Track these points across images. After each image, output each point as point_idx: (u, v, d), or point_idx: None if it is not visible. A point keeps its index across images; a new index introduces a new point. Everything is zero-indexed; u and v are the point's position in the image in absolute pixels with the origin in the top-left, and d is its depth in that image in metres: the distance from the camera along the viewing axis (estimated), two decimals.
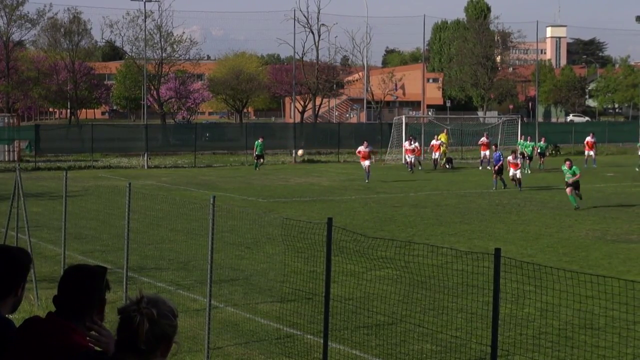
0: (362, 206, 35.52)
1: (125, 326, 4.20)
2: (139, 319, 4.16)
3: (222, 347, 14.81)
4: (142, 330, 4.15)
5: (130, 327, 4.17)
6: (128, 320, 4.18)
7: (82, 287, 4.69)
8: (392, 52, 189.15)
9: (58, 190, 28.77)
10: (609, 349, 14.45)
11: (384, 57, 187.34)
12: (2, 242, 17.54)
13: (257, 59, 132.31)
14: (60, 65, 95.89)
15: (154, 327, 4.18)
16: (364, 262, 21.04)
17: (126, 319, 4.19)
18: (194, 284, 19.55)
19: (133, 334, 4.17)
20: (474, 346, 14.34)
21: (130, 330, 4.17)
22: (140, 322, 4.16)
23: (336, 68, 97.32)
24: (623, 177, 49.55)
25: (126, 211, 15.94)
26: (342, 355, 14.03)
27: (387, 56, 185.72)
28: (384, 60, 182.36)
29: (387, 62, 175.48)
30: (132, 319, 4.17)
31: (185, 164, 61.22)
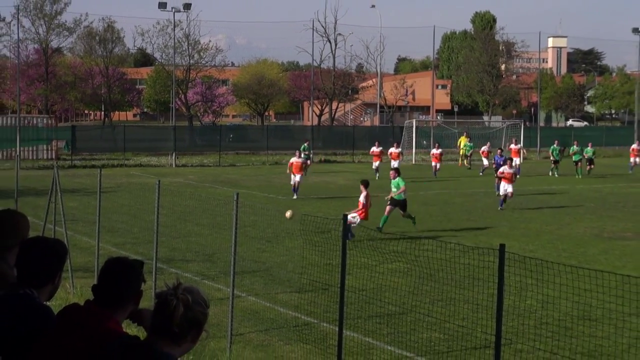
0: (374, 204, 35.48)
1: (161, 310, 4.23)
2: (175, 303, 4.20)
3: (243, 333, 14.82)
4: (177, 314, 4.18)
5: (165, 310, 4.21)
6: (164, 304, 4.22)
7: (121, 278, 4.71)
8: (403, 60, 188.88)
9: (92, 187, 28.83)
10: (606, 339, 14.41)
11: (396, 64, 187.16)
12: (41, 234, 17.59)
13: (278, 65, 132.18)
14: (95, 70, 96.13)
15: (188, 312, 4.21)
16: (377, 256, 21.04)
17: (163, 303, 4.23)
18: (218, 274, 19.59)
19: (168, 318, 4.20)
20: (479, 335, 14.30)
21: (166, 314, 4.20)
22: (176, 306, 4.19)
23: (351, 75, 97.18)
24: (619, 179, 49.31)
25: (155, 206, 15.96)
26: (355, 343, 14.03)
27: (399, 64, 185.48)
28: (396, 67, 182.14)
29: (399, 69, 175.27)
30: (169, 303, 4.20)
31: (211, 163, 61.28)
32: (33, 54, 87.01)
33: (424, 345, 14.27)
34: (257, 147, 68.80)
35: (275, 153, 66.43)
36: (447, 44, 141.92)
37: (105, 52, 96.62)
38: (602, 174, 51.68)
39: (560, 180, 47.86)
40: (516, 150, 51.28)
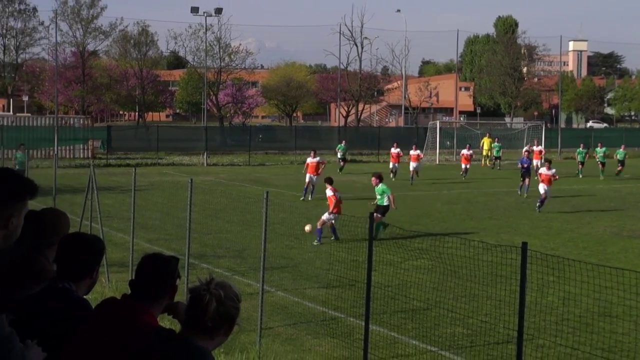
0: (399, 202, 35.44)
1: (194, 304, 4.25)
2: (208, 297, 4.21)
3: (272, 327, 14.85)
4: (210, 308, 4.20)
5: (199, 305, 4.22)
6: (198, 299, 4.23)
7: (157, 273, 4.73)
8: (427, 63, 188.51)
9: (127, 185, 29.03)
10: (626, 335, 14.33)
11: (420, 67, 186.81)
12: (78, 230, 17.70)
13: (306, 68, 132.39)
14: (130, 72, 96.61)
15: (220, 307, 4.22)
16: (402, 253, 21.02)
17: (196, 297, 4.25)
18: (248, 270, 19.63)
19: (201, 312, 4.21)
20: (502, 330, 14.26)
21: (199, 308, 4.22)
22: (208, 301, 4.20)
23: (377, 77, 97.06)
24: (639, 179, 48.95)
25: (188, 204, 16.02)
26: (381, 337, 14.02)
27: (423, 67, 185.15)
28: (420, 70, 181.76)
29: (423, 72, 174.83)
30: (202, 298, 4.22)
31: (241, 162, 61.40)
32: (70, 56, 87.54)
33: (448, 340, 14.25)
34: (285, 147, 68.88)
35: (303, 153, 66.16)
36: (470, 48, 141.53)
37: (140, 55, 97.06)
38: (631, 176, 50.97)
39: (582, 180, 47.60)
40: (538, 152, 50.39)
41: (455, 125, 76.77)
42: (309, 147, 68.11)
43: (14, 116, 66.67)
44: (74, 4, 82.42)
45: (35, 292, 4.88)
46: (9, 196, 4.00)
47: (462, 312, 15.74)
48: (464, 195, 38.94)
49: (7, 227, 3.98)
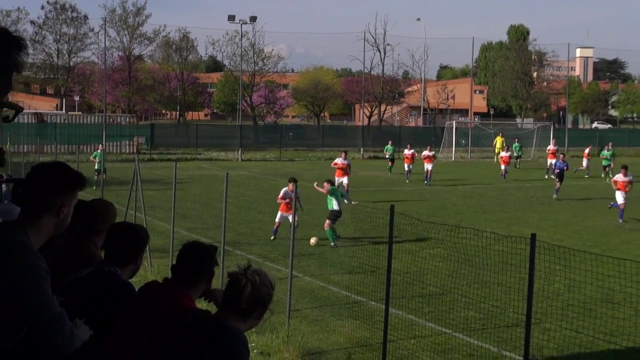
0: (418, 195, 35.39)
1: (232, 287, 4.28)
2: (244, 282, 4.24)
3: (300, 309, 14.89)
4: (246, 292, 4.23)
5: (235, 288, 4.26)
6: (235, 283, 4.27)
7: (196, 260, 4.77)
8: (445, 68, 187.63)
9: (168, 178, 29.13)
10: (626, 320, 14.24)
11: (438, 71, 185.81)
12: (123, 219, 17.79)
13: (333, 72, 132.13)
14: (172, 75, 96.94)
15: (255, 291, 4.25)
16: (419, 242, 21.00)
17: (234, 281, 4.28)
18: (278, 257, 19.68)
19: (237, 295, 4.24)
20: (511, 314, 14.22)
21: (235, 291, 4.25)
22: (244, 285, 4.23)
23: (398, 80, 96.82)
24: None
25: (224, 196, 16.06)
26: (400, 319, 14.02)
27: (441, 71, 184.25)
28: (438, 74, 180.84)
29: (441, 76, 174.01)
30: (239, 282, 4.25)
31: (272, 158, 61.51)
32: (118, 60, 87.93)
33: (461, 323, 14.23)
34: (313, 144, 68.88)
35: (330, 150, 66.39)
36: (484, 54, 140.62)
37: (181, 59, 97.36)
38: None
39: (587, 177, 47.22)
40: (553, 151, 47.19)
41: (470, 126, 76.49)
42: (335, 144, 68.44)
43: (67, 114, 67.14)
44: (122, 12, 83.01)
45: (83, 276, 4.92)
46: (60, 187, 4.04)
47: (475, 297, 15.70)
48: (477, 190, 38.80)
49: (58, 215, 4.02)
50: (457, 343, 13.13)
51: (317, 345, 12.81)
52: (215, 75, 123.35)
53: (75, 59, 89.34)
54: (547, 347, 12.77)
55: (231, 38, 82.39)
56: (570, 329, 13.13)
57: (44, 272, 3.83)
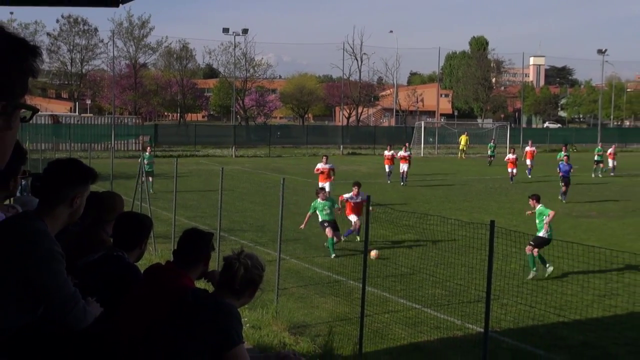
0: (391, 187, 35.47)
1: (226, 270, 4.31)
2: (237, 265, 4.27)
3: (287, 288, 14.89)
4: (239, 274, 4.26)
5: (230, 270, 4.29)
6: (229, 266, 4.30)
7: (195, 245, 4.78)
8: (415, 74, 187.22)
9: (170, 172, 29.03)
10: (574, 296, 14.35)
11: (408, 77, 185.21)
12: (131, 209, 17.74)
13: (316, 78, 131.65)
14: (173, 81, 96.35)
15: (247, 273, 4.28)
16: (393, 228, 21.02)
17: (228, 264, 4.31)
18: (267, 241, 19.66)
19: (231, 277, 4.28)
20: (473, 291, 14.28)
21: (230, 273, 4.29)
22: (238, 268, 4.27)
23: (373, 85, 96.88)
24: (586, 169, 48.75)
25: (219, 188, 16.05)
26: (375, 296, 14.06)
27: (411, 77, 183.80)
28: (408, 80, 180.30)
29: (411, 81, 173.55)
30: (233, 265, 4.28)
31: (262, 154, 61.42)
32: (125, 68, 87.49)
33: (429, 299, 14.28)
34: (298, 142, 68.82)
35: (313, 147, 66.66)
36: (449, 62, 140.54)
37: (181, 67, 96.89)
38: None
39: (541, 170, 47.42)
40: (531, 152, 42.82)
41: (437, 125, 76.67)
42: (318, 142, 68.57)
43: (79, 116, 66.87)
44: (128, 25, 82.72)
45: (94, 259, 4.92)
46: (73, 181, 4.03)
47: (441, 277, 15.76)
48: (444, 182, 38.90)
49: (72, 206, 4.01)
50: (426, 317, 13.17)
51: (302, 319, 12.83)
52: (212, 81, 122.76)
53: (87, 66, 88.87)
54: (505, 320, 12.84)
55: (226, 48, 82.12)
56: (525, 304, 13.21)
57: (59, 256, 3.83)
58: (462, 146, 61.21)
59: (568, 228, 23.41)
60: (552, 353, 11.27)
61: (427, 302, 14.00)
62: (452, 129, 72.63)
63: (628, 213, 27.52)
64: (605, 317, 13.25)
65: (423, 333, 12.20)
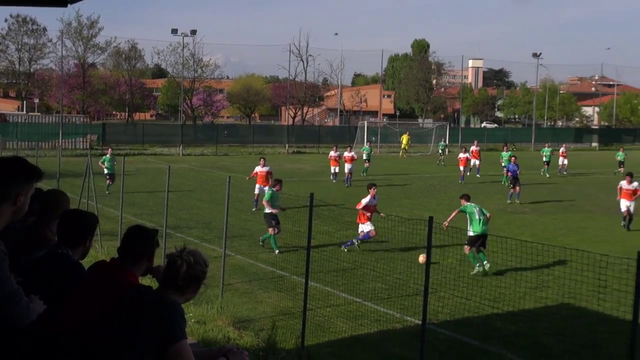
0: (335, 186, 35.60)
1: (170, 267, 4.28)
2: (180, 262, 4.25)
3: (232, 283, 14.87)
4: (181, 271, 4.24)
5: (173, 268, 4.26)
6: (172, 263, 4.27)
7: (138, 242, 4.73)
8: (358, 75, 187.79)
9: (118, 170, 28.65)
10: (507, 289, 14.61)
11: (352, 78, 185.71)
12: (77, 207, 17.48)
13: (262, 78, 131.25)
14: (121, 80, 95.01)
15: (190, 270, 4.26)
16: (334, 224, 21.13)
17: (171, 261, 4.28)
18: (213, 238, 19.58)
19: (174, 274, 4.25)
20: (412, 285, 14.44)
21: (173, 270, 4.26)
22: (180, 265, 4.24)
23: (318, 86, 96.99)
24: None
25: (166, 185, 15.93)
26: (318, 291, 14.11)
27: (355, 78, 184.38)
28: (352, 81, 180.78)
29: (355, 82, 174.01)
30: (175, 262, 4.25)
31: (209, 153, 61.04)
32: (73, 67, 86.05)
33: (370, 293, 14.39)
34: (245, 141, 68.56)
35: (259, 145, 66.58)
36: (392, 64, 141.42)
37: (129, 66, 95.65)
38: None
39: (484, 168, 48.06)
40: (476, 151, 42.17)
41: (379, 125, 77.15)
42: (264, 141, 68.43)
43: (27, 115, 65.54)
44: (77, 25, 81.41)
45: (38, 257, 4.86)
46: (17, 179, 3.98)
47: (381, 271, 15.90)
48: (385, 180, 39.16)
49: (15, 204, 3.96)
50: (367, 310, 13.27)
51: (247, 314, 12.82)
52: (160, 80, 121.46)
53: (35, 66, 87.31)
54: (442, 312, 13.02)
55: (174, 49, 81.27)
56: (461, 297, 13.42)
57: (1, 253, 3.78)
58: (404, 145, 61.71)
59: (503, 224, 23.80)
60: (486, 343, 11.47)
61: (367, 296, 14.11)
62: (394, 129, 73.22)
63: (559, 209, 28.13)
64: (537, 308, 13.55)
65: (364, 326, 12.30)
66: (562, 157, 44.96)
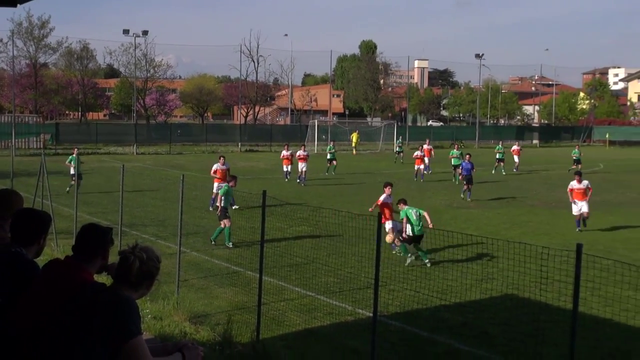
0: (288, 184, 35.54)
1: (122, 264, 4.22)
2: (132, 259, 4.19)
3: (188, 279, 14.73)
4: (134, 267, 4.18)
5: (125, 264, 4.20)
6: (125, 260, 4.21)
7: (91, 239, 4.64)
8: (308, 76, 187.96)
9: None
10: (454, 281, 14.75)
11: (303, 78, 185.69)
12: (32, 206, 17.12)
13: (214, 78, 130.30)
14: (74, 80, 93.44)
15: (143, 266, 4.21)
16: (287, 221, 21.10)
17: (123, 258, 4.22)
18: (168, 235, 19.36)
19: (127, 270, 4.19)
20: (363, 279, 14.50)
21: (126, 267, 4.20)
22: (133, 261, 4.19)
23: (269, 86, 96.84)
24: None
25: (120, 184, 15.72)
26: (272, 285, 14.06)
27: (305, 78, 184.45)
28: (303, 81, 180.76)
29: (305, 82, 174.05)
30: (128, 259, 4.20)
31: (163, 152, 60.42)
32: (25, 67, 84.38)
33: (323, 287, 14.40)
34: (198, 140, 68.12)
35: (212, 144, 66.23)
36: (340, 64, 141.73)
37: (82, 66, 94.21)
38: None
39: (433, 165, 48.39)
40: (428, 150, 41.42)
41: (329, 124, 77.39)
42: (217, 140, 68.02)
43: None
44: (28, 25, 79.88)
45: None
46: None
47: (334, 265, 15.93)
48: (336, 177, 39.26)
49: None
50: (320, 304, 13.27)
51: (203, 309, 12.71)
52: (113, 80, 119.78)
53: None
54: (392, 305, 13.08)
55: (126, 49, 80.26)
56: (410, 289, 13.50)
57: None
58: (354, 143, 61.94)
59: (449, 218, 24.05)
60: (435, 334, 11.56)
61: (320, 290, 14.11)
62: (343, 127, 73.48)
63: (503, 204, 28.52)
64: (483, 299, 13.69)
65: (317, 319, 12.30)
66: (515, 155, 44.69)
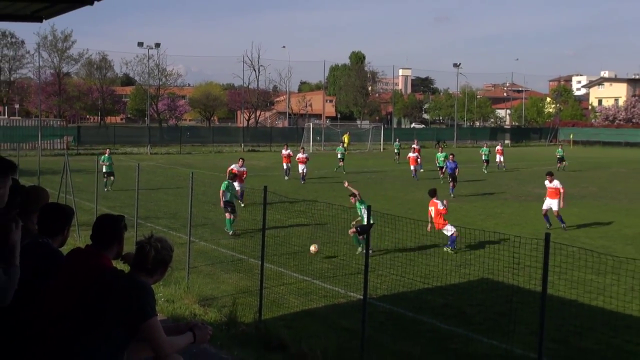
0: (286, 181, 35.50)
1: (139, 252, 4.25)
2: (148, 248, 4.20)
3: (197, 266, 14.70)
4: (150, 255, 4.20)
5: (142, 253, 4.23)
6: (141, 249, 4.25)
7: (108, 227, 4.64)
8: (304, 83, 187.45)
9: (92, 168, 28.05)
10: (436, 267, 14.74)
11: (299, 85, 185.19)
12: (56, 201, 17.06)
13: (220, 86, 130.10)
14: (94, 88, 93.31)
15: (157, 254, 4.23)
16: (286, 213, 21.08)
17: (140, 247, 4.26)
18: (179, 227, 19.32)
19: (143, 258, 4.21)
20: (354, 265, 14.51)
21: (142, 255, 4.23)
22: (149, 250, 4.21)
23: (269, 92, 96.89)
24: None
25: (136, 181, 15.69)
26: (272, 271, 14.05)
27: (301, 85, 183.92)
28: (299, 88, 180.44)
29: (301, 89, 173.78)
30: (144, 248, 4.23)
31: (174, 152, 60.28)
32: (50, 76, 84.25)
33: (318, 272, 14.39)
34: (205, 141, 68.00)
35: (218, 145, 66.14)
36: (333, 72, 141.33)
37: (101, 75, 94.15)
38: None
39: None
40: (417, 149, 39.34)
41: (323, 126, 77.36)
42: (222, 141, 67.92)
43: (8, 119, 63.94)
44: (52, 38, 79.87)
45: (22, 245, 4.72)
46: None
47: (328, 253, 15.94)
48: (329, 175, 39.23)
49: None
50: (316, 287, 13.27)
51: (211, 293, 12.70)
52: (129, 88, 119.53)
53: (15, 75, 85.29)
54: (380, 288, 13.08)
55: (141, 60, 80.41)
56: (397, 274, 13.51)
57: None
58: (346, 144, 61.88)
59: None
60: (419, 314, 11.56)
61: (316, 275, 14.11)
62: (335, 129, 73.48)
63: (479, 198, 28.54)
64: (461, 283, 13.71)
65: (313, 301, 12.29)
66: (499, 155, 43.83)
